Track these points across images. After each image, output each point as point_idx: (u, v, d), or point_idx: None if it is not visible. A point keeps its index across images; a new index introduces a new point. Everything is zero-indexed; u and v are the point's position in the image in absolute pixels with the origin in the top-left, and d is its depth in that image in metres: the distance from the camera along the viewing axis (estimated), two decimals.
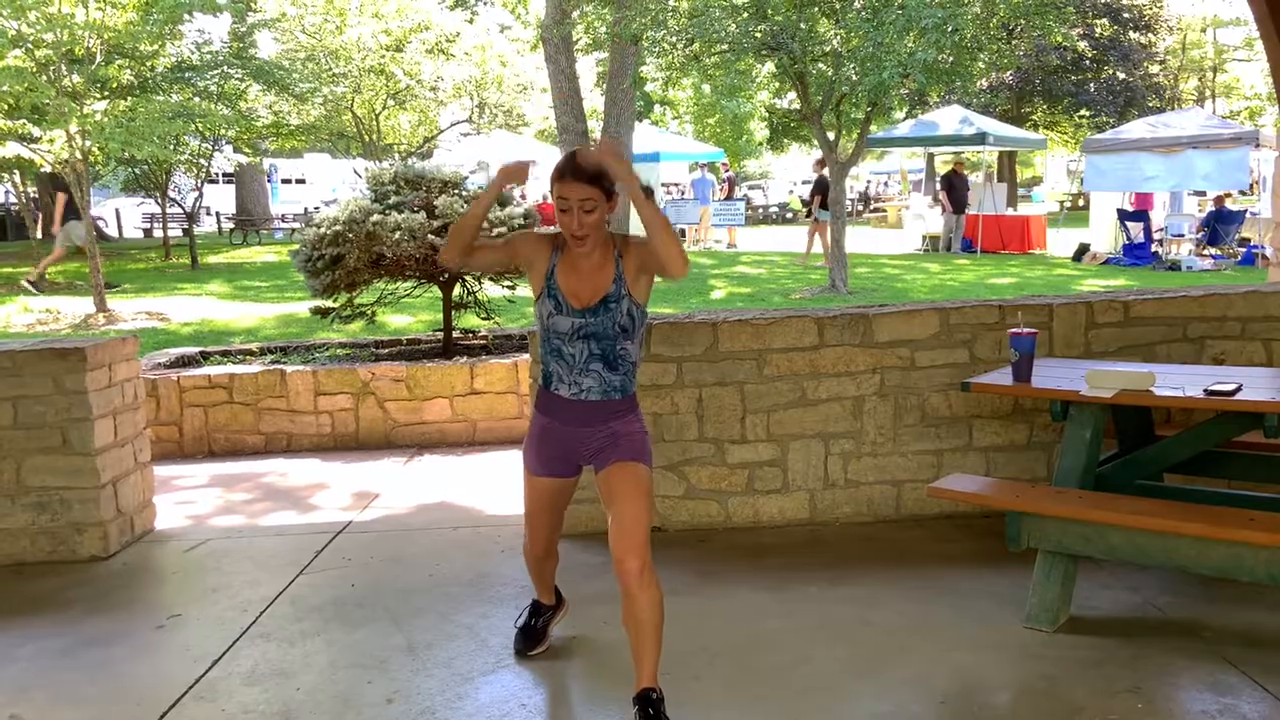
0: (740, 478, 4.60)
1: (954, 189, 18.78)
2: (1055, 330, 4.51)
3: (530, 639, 3.41)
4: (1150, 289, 4.92)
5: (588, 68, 26.82)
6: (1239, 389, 3.21)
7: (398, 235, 6.67)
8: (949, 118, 19.64)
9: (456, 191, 7.17)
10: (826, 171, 14.72)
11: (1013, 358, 3.65)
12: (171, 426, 6.55)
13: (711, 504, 4.59)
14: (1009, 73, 28.76)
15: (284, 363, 7.17)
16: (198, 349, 7.88)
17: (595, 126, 20.00)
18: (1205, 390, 3.22)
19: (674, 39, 11.60)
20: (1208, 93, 44.03)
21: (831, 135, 12.78)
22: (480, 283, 7.58)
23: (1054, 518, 3.27)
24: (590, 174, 2.73)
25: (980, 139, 19.02)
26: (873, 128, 13.47)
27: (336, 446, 6.53)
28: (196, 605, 4.04)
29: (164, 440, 6.46)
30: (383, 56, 24.86)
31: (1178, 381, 3.39)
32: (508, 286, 7.74)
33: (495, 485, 5.55)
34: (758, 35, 10.61)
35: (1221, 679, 3.01)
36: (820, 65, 11.44)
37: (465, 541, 4.64)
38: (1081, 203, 32.38)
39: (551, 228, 3.10)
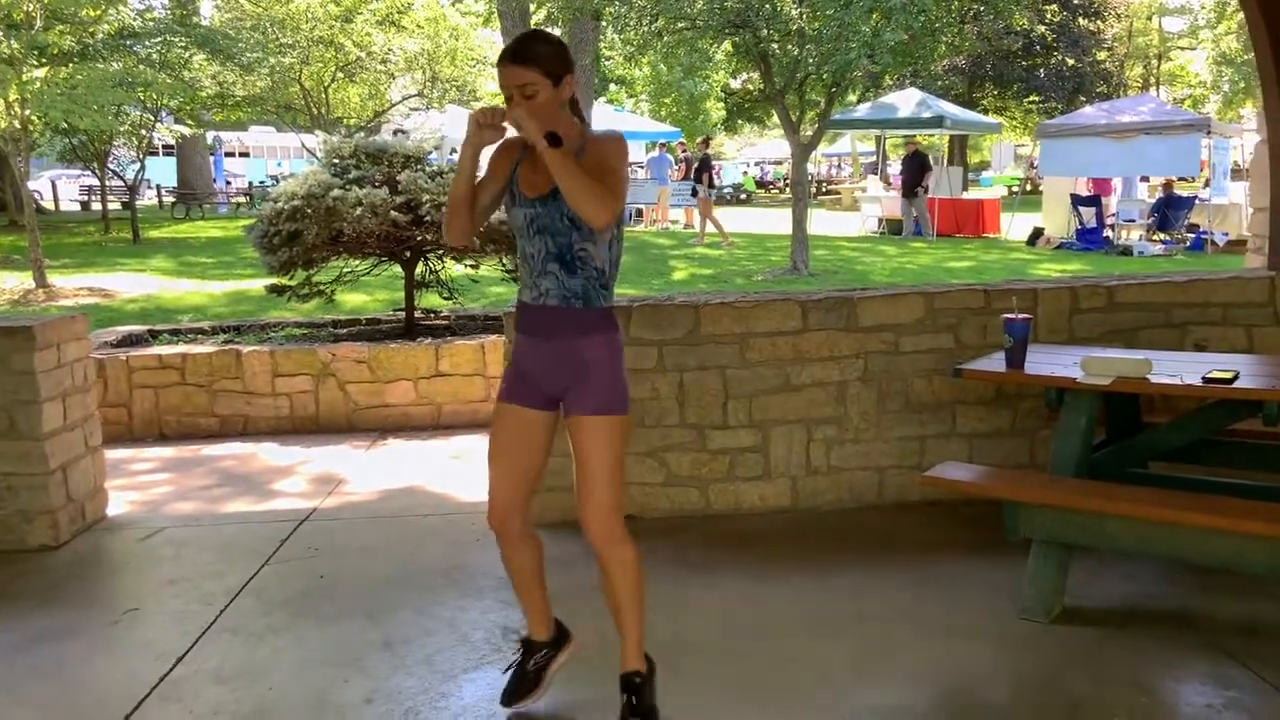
0: (721, 464, 4.50)
1: (920, 170, 18.69)
2: (1040, 315, 4.46)
3: (521, 685, 2.88)
4: (1133, 274, 4.90)
5: None
6: (1237, 377, 3.17)
7: (359, 211, 6.44)
8: (906, 100, 19.68)
9: (420, 166, 6.95)
10: (710, 150, 15.26)
11: (1006, 344, 3.57)
12: (120, 408, 6.28)
13: (691, 491, 4.49)
14: (961, 57, 28.93)
15: (238, 342, 6.92)
16: (146, 327, 7.59)
17: None
18: (1203, 378, 3.18)
19: (637, 14, 11.40)
20: (1152, 80, 44.81)
21: (793, 116, 12.69)
22: (442, 261, 7.38)
23: (1052, 507, 3.20)
24: (526, 55, 2.49)
25: (938, 122, 19.10)
26: (833, 109, 13.41)
27: (296, 430, 6.30)
28: (155, 598, 3.84)
29: (112, 423, 6.17)
30: (331, 27, 24.25)
31: (1173, 369, 3.34)
32: (470, 265, 7.54)
33: (464, 470, 5.39)
34: (723, 11, 10.46)
35: (1223, 671, 2.98)
36: (785, 45, 11.33)
37: (437, 530, 4.48)
38: (1029, 187, 32.83)
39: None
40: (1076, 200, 16.75)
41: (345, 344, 6.54)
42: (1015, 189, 30.21)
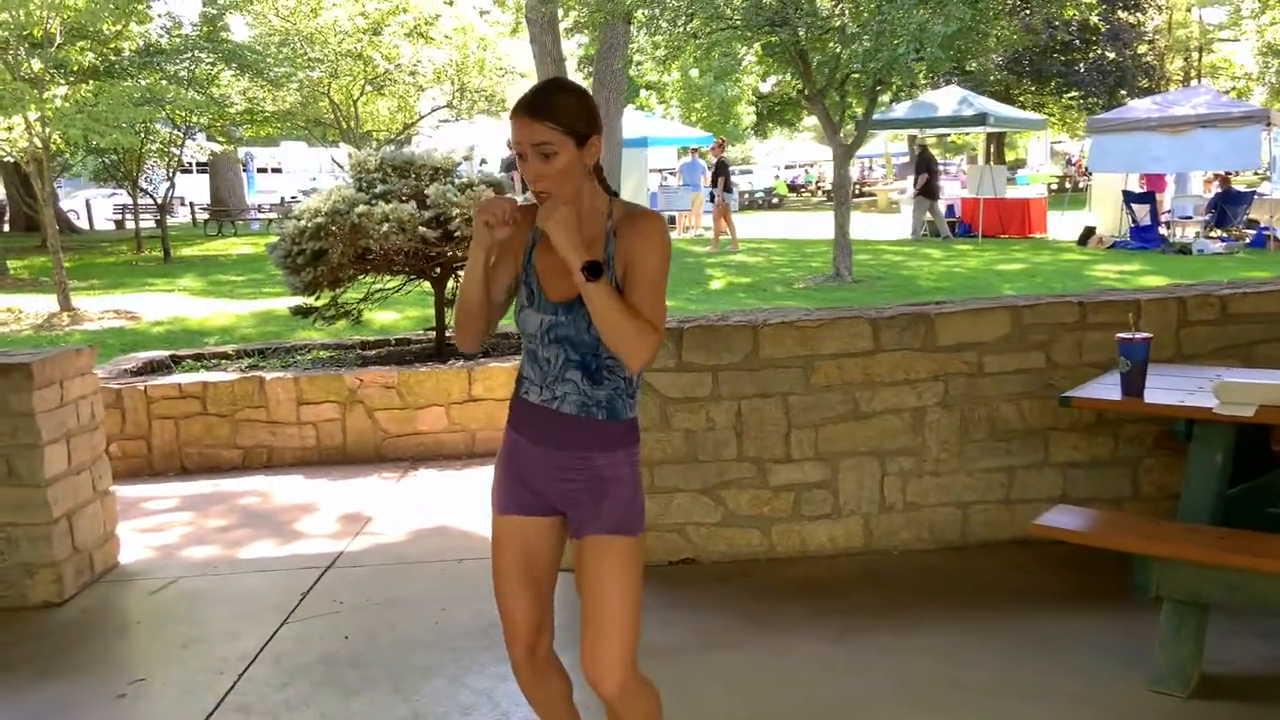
0: (785, 501, 4.05)
1: (931, 172, 18.18)
2: (1143, 330, 3.96)
3: None
4: (1245, 281, 4.39)
5: (572, 49, 26.13)
6: None
7: (385, 227, 6.08)
8: (947, 99, 19.09)
9: (448, 179, 6.57)
10: (726, 154, 14.97)
11: (1121, 367, 3.12)
12: (139, 441, 5.94)
13: (753, 532, 4.04)
14: (998, 54, 28.25)
15: (262, 367, 6.57)
16: (168, 352, 7.27)
17: None
18: None
19: (672, 15, 10.98)
20: (1194, 73, 43.74)
21: (834, 117, 12.21)
22: None
23: (1193, 563, 2.73)
24: (545, 109, 2.03)
25: (981, 120, 18.50)
26: (875, 108, 12.91)
27: (322, 461, 5.93)
28: (164, 666, 3.46)
29: (131, 456, 5.85)
30: (360, 40, 24.05)
31: None
32: None
33: None
34: (761, 9, 10.01)
35: None
36: (828, 43, 10.85)
37: (471, 578, 4.07)
38: (1068, 185, 32.05)
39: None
40: (1129, 197, 16.10)
41: (373, 369, 6.16)
42: (1054, 186, 29.51)
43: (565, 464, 2.18)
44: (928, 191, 18.17)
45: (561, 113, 2.04)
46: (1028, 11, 20.08)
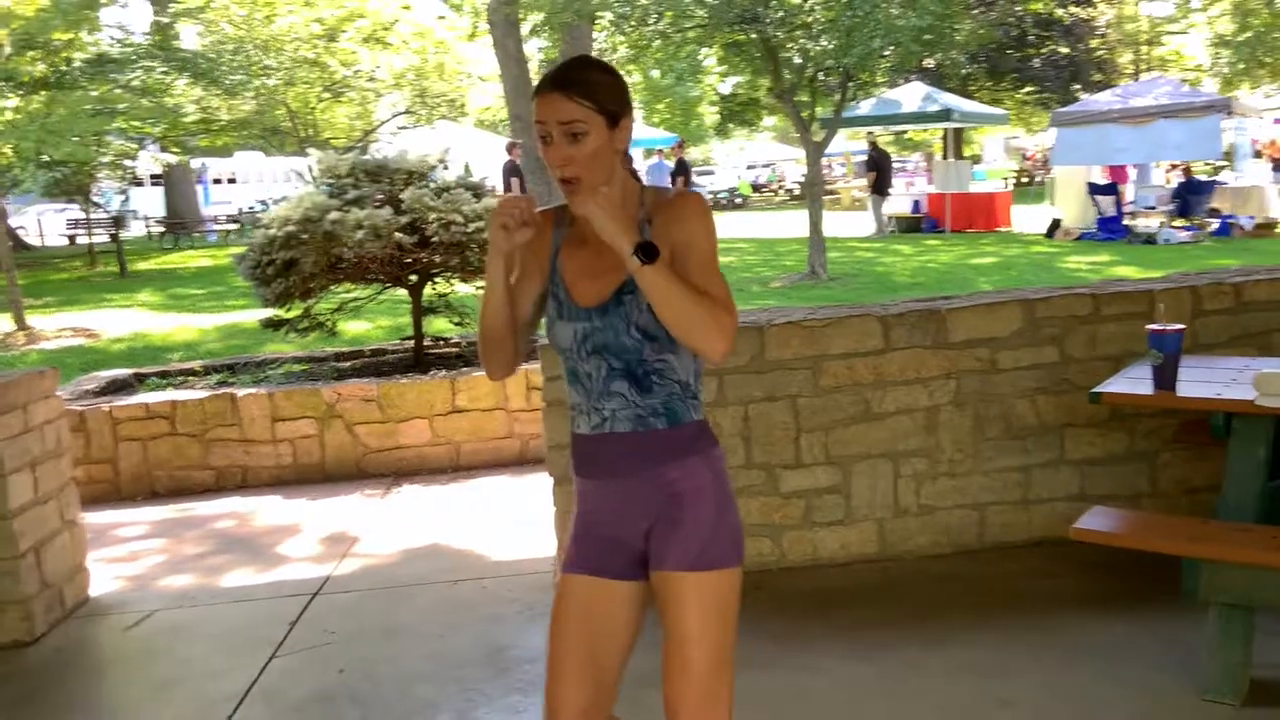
0: (796, 508, 3.89)
1: (879, 170, 18.25)
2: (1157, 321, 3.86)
3: None
4: (1257, 268, 4.30)
5: (533, 52, 25.90)
6: None
7: (360, 234, 5.84)
8: (910, 95, 19.10)
9: (423, 183, 6.35)
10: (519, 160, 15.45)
11: (1153, 360, 2.98)
12: (105, 465, 5.65)
13: (762, 541, 3.88)
14: (965, 50, 28.41)
15: (233, 383, 6.31)
16: (131, 370, 6.96)
17: None
18: None
19: (641, 14, 10.81)
20: (1143, 66, 44.32)
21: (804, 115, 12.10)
22: (451, 283, 6.77)
23: (1241, 565, 2.60)
24: (576, 85, 1.81)
25: (945, 115, 18.53)
26: (845, 104, 12.80)
27: (300, 479, 5.68)
28: (145, 709, 3.23)
29: (97, 481, 5.56)
30: (315, 46, 23.67)
31: None
32: (480, 287, 6.94)
33: (492, 519, 4.78)
34: (730, 6, 9.87)
35: None
36: (796, 39, 10.74)
37: (470, 600, 3.87)
38: (1025, 179, 32.25)
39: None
40: (1094, 189, 16.19)
41: (351, 381, 5.93)
42: (1010, 180, 29.64)
43: (629, 490, 1.90)
44: (877, 188, 18.18)
45: (593, 89, 1.82)
46: (993, 10, 20.15)
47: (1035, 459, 3.91)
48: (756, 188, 39.11)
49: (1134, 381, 3.10)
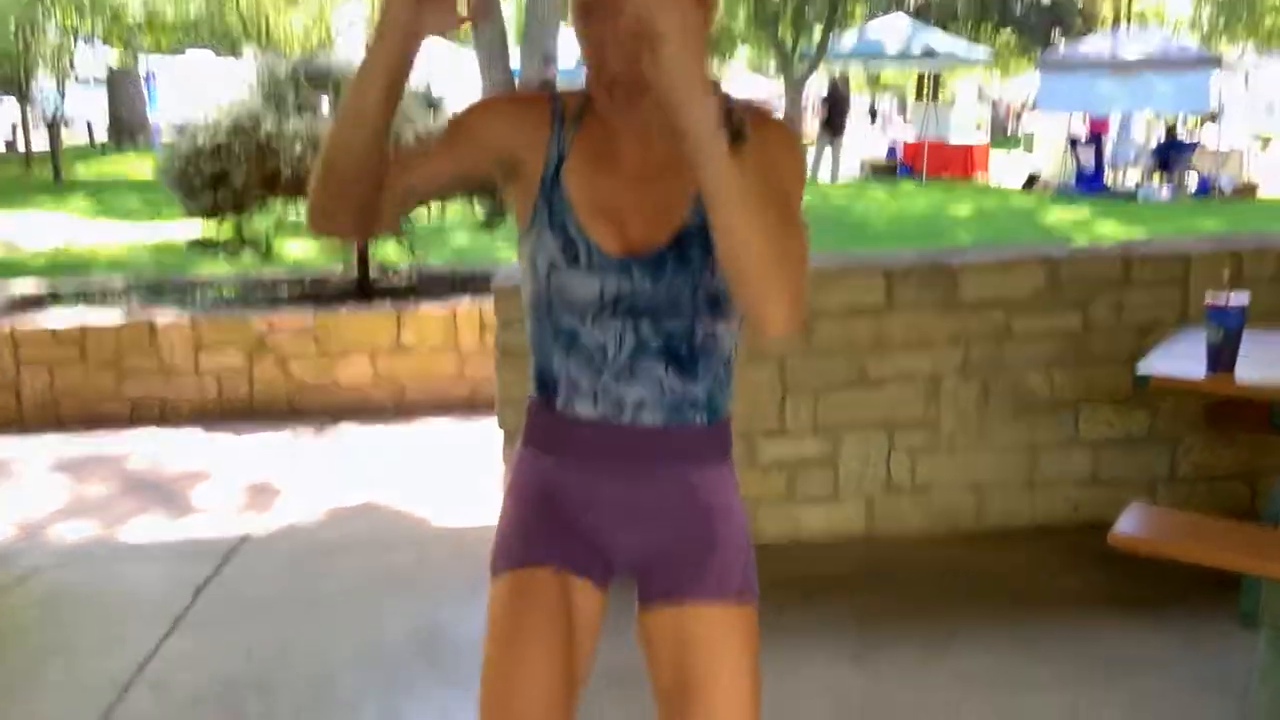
0: (777, 481, 3.46)
1: (835, 107, 17.32)
2: (1192, 287, 3.44)
3: None
4: None
5: None
6: None
7: (299, 148, 5.24)
8: (894, 31, 18.37)
9: None
10: None
11: (1211, 336, 2.56)
12: (6, 391, 5.09)
13: None
14: None
15: (155, 305, 5.74)
16: (48, 286, 6.34)
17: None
18: None
19: None
20: (1122, 16, 43.78)
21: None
22: None
23: None
24: None
25: (929, 54, 17.91)
26: (814, 40, 12.22)
27: (225, 416, 5.15)
28: (14, 694, 2.73)
29: None
30: None
31: None
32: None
33: (434, 473, 4.31)
34: None
35: None
36: None
37: (405, 572, 3.40)
38: (1000, 131, 31.79)
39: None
40: (1075, 142, 15.78)
41: (285, 310, 5.38)
42: (980, 128, 29.11)
43: (648, 499, 1.43)
44: (831, 126, 17.23)
45: None
46: None
47: (1045, 437, 3.50)
48: None
49: (1182, 361, 2.68)
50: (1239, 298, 2.55)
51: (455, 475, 4.25)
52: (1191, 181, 15.47)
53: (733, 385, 1.45)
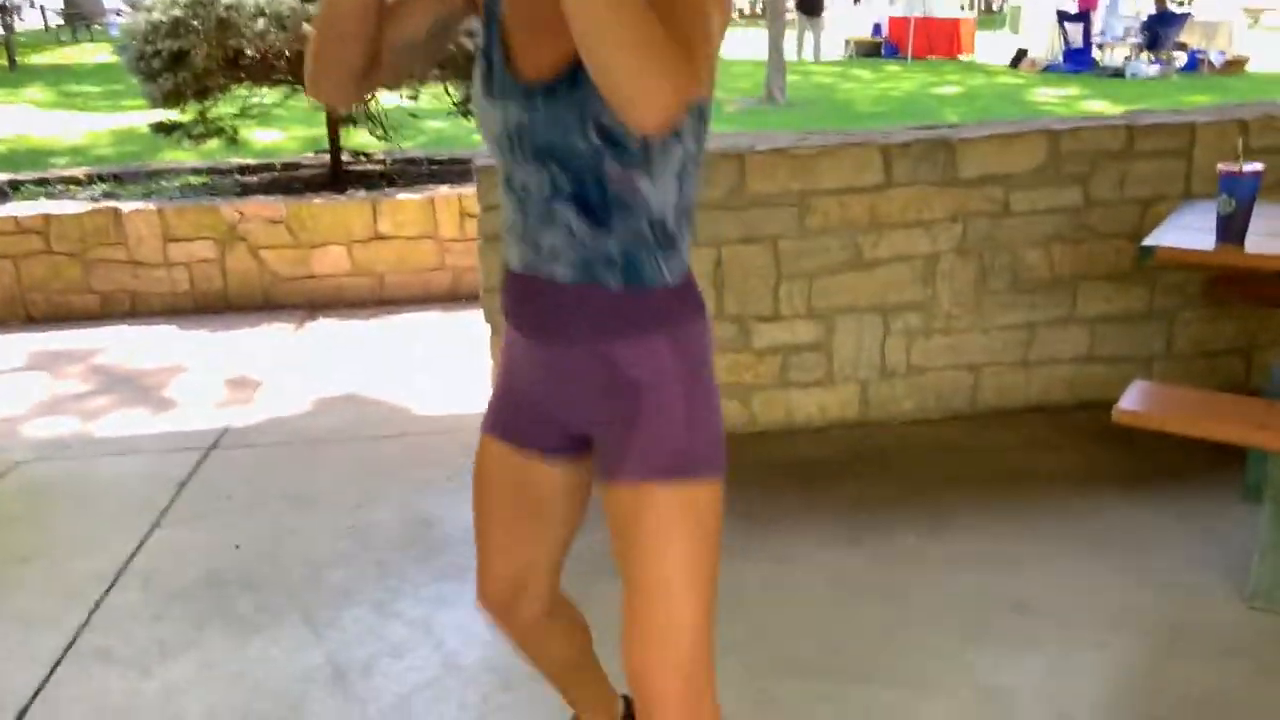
0: (771, 366, 3.39)
1: None
2: (1196, 159, 3.34)
3: None
4: None
5: None
6: None
7: (261, 24, 4.97)
8: None
9: None
10: None
11: (1223, 207, 2.47)
12: None
13: (730, 402, 3.39)
14: None
15: (119, 195, 5.53)
16: (7, 176, 6.10)
17: None
18: None
19: None
20: None
21: None
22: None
23: None
24: None
25: None
26: None
27: (198, 309, 5.03)
28: (0, 590, 2.69)
29: None
30: None
31: None
32: (408, 96, 6.12)
33: (419, 364, 4.22)
34: None
35: None
36: None
37: (392, 462, 3.34)
38: (986, 6, 30.87)
39: None
40: (1064, 17, 15.40)
41: (256, 198, 5.19)
42: (963, 6, 28.35)
43: (570, 367, 1.34)
44: (806, 7, 16.67)
45: None
46: None
47: (1042, 315, 3.43)
48: None
49: (1189, 233, 2.59)
50: (1253, 166, 2.45)
51: (440, 366, 4.17)
52: (1180, 58, 15.19)
53: (676, 248, 1.31)
